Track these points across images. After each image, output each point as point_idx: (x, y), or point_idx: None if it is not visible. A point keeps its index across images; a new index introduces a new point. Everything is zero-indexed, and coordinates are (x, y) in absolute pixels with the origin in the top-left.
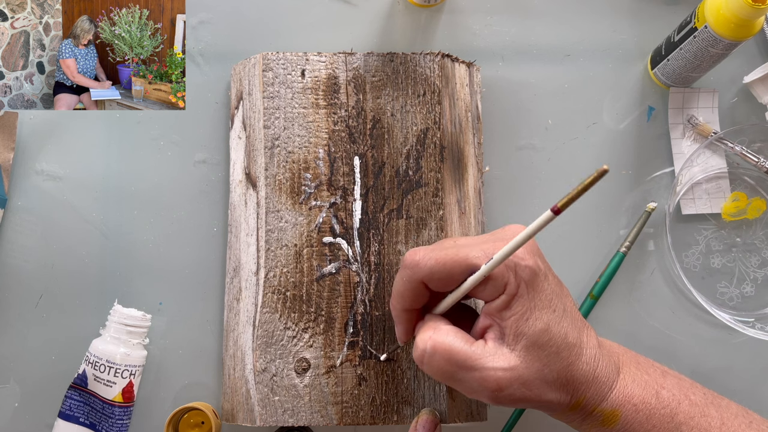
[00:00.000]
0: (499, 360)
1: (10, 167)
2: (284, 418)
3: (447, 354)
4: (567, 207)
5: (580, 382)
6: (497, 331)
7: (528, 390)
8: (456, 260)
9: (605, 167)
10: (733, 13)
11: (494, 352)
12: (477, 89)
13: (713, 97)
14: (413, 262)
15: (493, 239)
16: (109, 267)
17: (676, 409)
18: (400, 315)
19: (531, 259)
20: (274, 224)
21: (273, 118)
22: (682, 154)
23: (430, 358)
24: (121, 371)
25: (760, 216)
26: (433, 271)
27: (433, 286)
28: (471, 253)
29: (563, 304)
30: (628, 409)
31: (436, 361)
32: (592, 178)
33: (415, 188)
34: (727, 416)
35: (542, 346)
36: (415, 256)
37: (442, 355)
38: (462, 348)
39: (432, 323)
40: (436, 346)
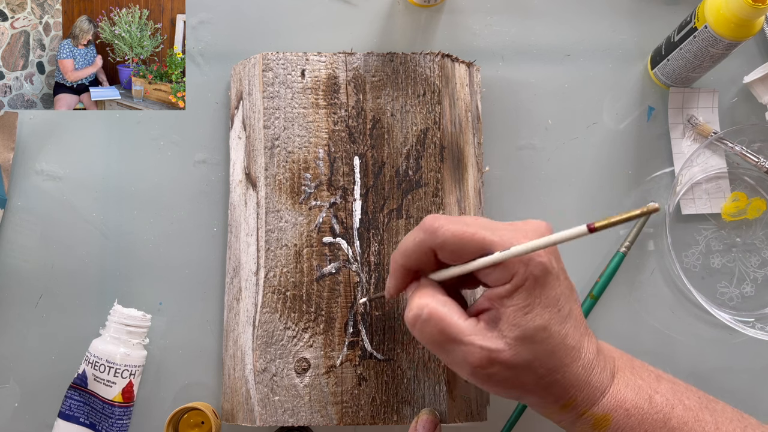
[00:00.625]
0: (488, 341)
1: (10, 167)
2: (284, 418)
3: (440, 323)
4: (603, 229)
5: (572, 384)
6: (493, 316)
7: (510, 375)
8: (473, 239)
9: (656, 206)
10: (733, 13)
11: (484, 333)
12: (477, 89)
13: (713, 97)
14: (432, 228)
15: (513, 229)
16: (109, 267)
17: (669, 414)
18: (397, 270)
19: (546, 257)
20: (274, 224)
21: (273, 118)
22: (682, 154)
23: (423, 323)
24: (121, 371)
25: (760, 216)
26: (447, 242)
27: (441, 256)
28: (490, 236)
29: (570, 307)
30: (619, 414)
31: (428, 328)
32: (640, 212)
33: (415, 188)
34: (722, 421)
35: (537, 342)
36: (435, 223)
37: (435, 323)
38: (455, 321)
39: (429, 290)
40: (432, 313)
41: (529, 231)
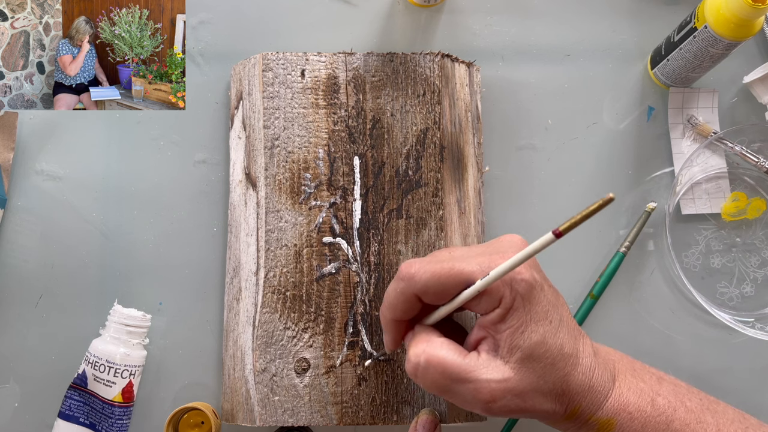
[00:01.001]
0: (493, 372)
1: (10, 167)
2: (284, 418)
3: (441, 367)
4: (569, 231)
5: (576, 392)
6: (491, 343)
7: (522, 401)
8: (451, 274)
9: (611, 195)
10: (733, 13)
11: (488, 364)
12: (477, 89)
13: (713, 97)
14: (408, 275)
15: (489, 251)
16: (109, 267)
17: (671, 417)
18: (389, 324)
19: (527, 272)
20: (273, 224)
21: (273, 118)
22: (681, 154)
23: (424, 371)
24: (121, 371)
25: (759, 216)
26: (428, 285)
27: (427, 300)
28: (467, 267)
29: (559, 315)
30: (623, 418)
31: (430, 375)
32: (597, 206)
33: (415, 188)
34: (723, 422)
35: (537, 359)
36: (410, 269)
37: (435, 368)
38: (455, 360)
39: (424, 335)
40: (430, 359)
41: (505, 248)
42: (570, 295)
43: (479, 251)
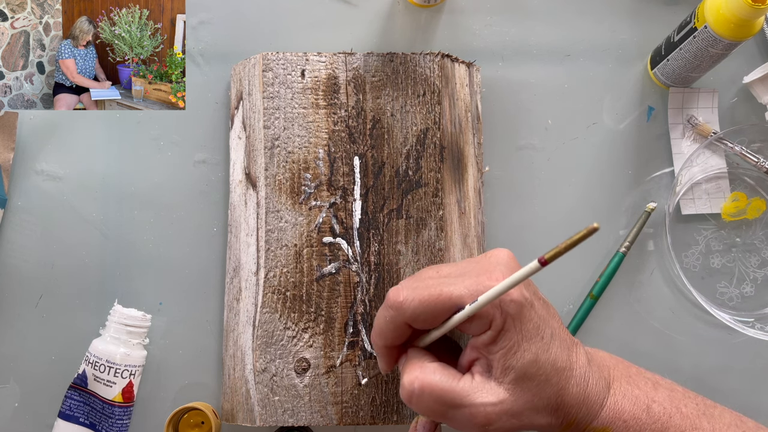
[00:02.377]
0: (488, 395)
1: (10, 167)
2: (284, 418)
3: (435, 394)
4: (554, 260)
5: (571, 404)
6: (484, 365)
7: (518, 420)
8: (440, 300)
9: (596, 225)
10: (733, 13)
11: (482, 387)
12: (477, 89)
13: (713, 97)
14: (396, 304)
15: (477, 271)
16: (109, 267)
17: (667, 423)
18: (381, 351)
19: (516, 292)
20: (274, 224)
21: (273, 118)
22: (681, 154)
23: (419, 398)
24: (121, 371)
25: (759, 216)
26: (417, 312)
27: (417, 326)
28: (455, 292)
29: (551, 329)
30: (618, 426)
31: (425, 401)
32: (581, 235)
33: (415, 188)
34: (720, 427)
35: (531, 377)
36: (398, 297)
37: (430, 395)
38: (449, 386)
39: (417, 362)
40: (424, 386)
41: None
42: (570, 295)
43: (467, 270)
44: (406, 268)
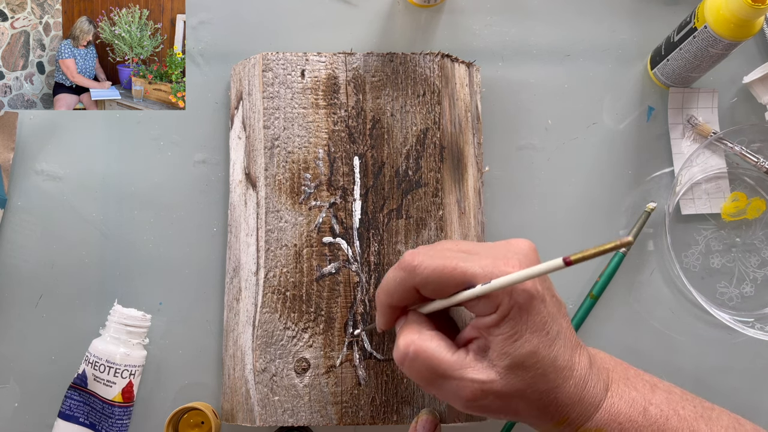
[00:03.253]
0: (478, 373)
1: (10, 167)
2: (284, 418)
3: (428, 360)
4: (579, 262)
5: (564, 404)
6: (482, 345)
7: (504, 404)
8: (454, 274)
9: (630, 239)
10: (733, 13)
11: (474, 365)
12: (477, 89)
13: (713, 97)
14: (410, 267)
15: (495, 255)
16: (109, 267)
17: (663, 426)
18: (383, 308)
19: (530, 283)
20: (273, 224)
21: (273, 118)
22: (681, 154)
23: (411, 362)
24: (121, 371)
25: (759, 216)
26: (428, 279)
27: (424, 293)
28: (470, 269)
29: (558, 326)
30: (613, 428)
31: (417, 366)
32: (613, 245)
33: (415, 188)
34: (717, 429)
35: (527, 368)
36: (413, 261)
37: (423, 361)
38: (443, 356)
39: (416, 326)
40: (418, 351)
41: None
42: (570, 295)
43: (486, 252)
44: None
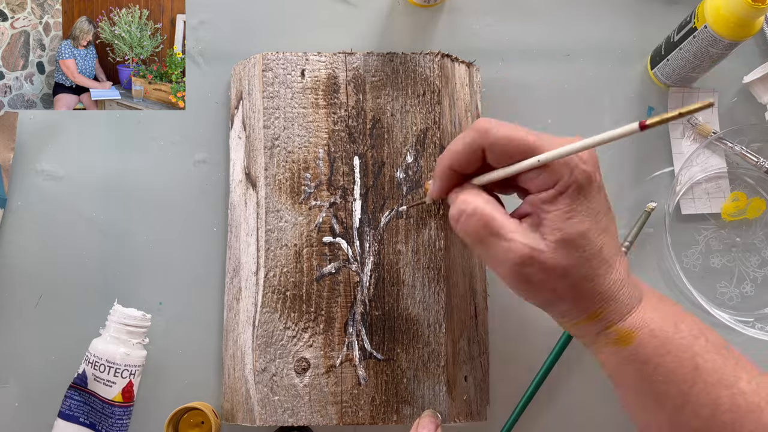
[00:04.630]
0: (530, 239)
1: (10, 167)
2: (284, 417)
3: (484, 218)
4: (656, 126)
5: (601, 297)
6: (535, 220)
7: (545, 277)
8: (524, 141)
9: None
10: (733, 13)
11: (527, 232)
12: (477, 89)
13: (713, 97)
14: (483, 128)
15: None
16: (109, 267)
17: (693, 342)
18: (443, 172)
19: (591, 167)
20: (273, 224)
21: (273, 118)
22: (681, 154)
23: (468, 218)
24: (121, 371)
25: (759, 216)
26: (498, 142)
27: (489, 158)
28: (537, 141)
29: (608, 223)
30: (644, 333)
31: (472, 223)
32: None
33: (415, 188)
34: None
35: (575, 247)
36: (488, 123)
37: (479, 218)
38: (499, 217)
39: (474, 190)
40: (476, 209)
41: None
42: None
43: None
44: (406, 267)
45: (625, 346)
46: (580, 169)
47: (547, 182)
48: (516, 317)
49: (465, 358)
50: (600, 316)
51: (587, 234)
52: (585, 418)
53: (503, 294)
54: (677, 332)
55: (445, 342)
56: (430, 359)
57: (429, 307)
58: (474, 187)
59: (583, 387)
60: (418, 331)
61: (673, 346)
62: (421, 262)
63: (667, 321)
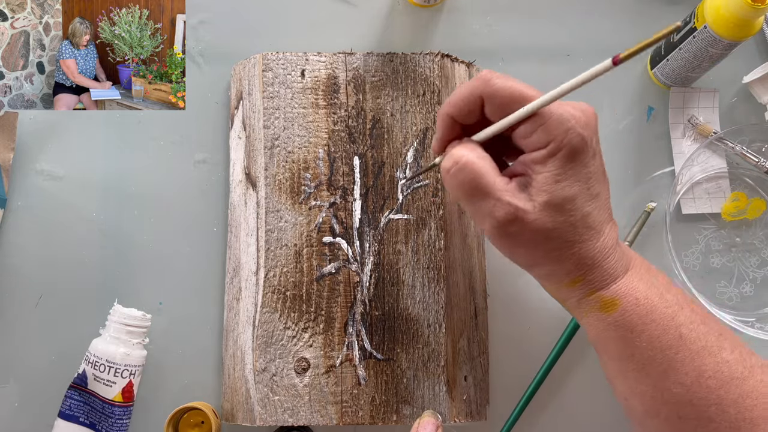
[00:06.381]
0: (516, 199)
1: (10, 167)
2: (284, 417)
3: (473, 173)
4: (629, 59)
5: (584, 263)
6: (525, 181)
7: (529, 239)
8: (522, 94)
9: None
10: (733, 13)
11: (514, 192)
12: None
13: (714, 96)
14: (486, 78)
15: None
16: (109, 267)
17: (678, 312)
18: (443, 119)
19: (587, 131)
20: (273, 224)
21: (273, 118)
22: (682, 154)
23: (458, 171)
24: (121, 371)
25: (759, 216)
26: (498, 92)
27: (488, 109)
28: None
29: (600, 190)
30: (629, 301)
31: (462, 176)
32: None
33: (415, 188)
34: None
35: (561, 212)
36: (490, 74)
37: (469, 173)
38: (489, 175)
39: (470, 144)
40: (468, 163)
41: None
42: None
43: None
44: (406, 267)
45: (608, 314)
46: (576, 132)
47: (540, 141)
48: (516, 317)
49: (465, 358)
50: (582, 281)
51: (575, 199)
52: (585, 418)
53: (503, 294)
54: (663, 302)
55: (445, 342)
56: (430, 359)
57: (429, 307)
58: (471, 142)
59: (582, 387)
60: (418, 331)
61: (658, 314)
62: (421, 262)
63: (653, 291)
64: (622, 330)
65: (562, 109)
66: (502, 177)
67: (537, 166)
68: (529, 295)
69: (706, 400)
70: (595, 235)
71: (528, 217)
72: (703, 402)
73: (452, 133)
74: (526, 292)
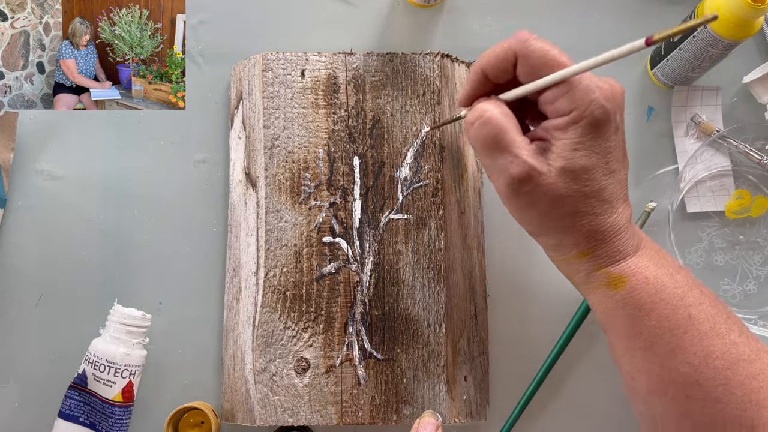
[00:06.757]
0: (534, 159)
1: (10, 167)
2: (284, 417)
3: (496, 128)
4: (662, 41)
5: (593, 236)
6: (545, 146)
7: (540, 200)
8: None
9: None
10: (733, 13)
11: (533, 152)
12: None
13: (716, 94)
14: (524, 36)
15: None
16: (109, 267)
17: (687, 293)
18: (475, 73)
19: (611, 105)
20: (273, 224)
21: (273, 118)
22: (685, 152)
23: (481, 125)
24: (121, 371)
25: (763, 214)
26: (532, 53)
27: (520, 69)
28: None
29: (618, 167)
30: (638, 279)
31: (484, 131)
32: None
33: (415, 188)
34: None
35: (575, 180)
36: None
37: (492, 128)
38: (511, 130)
39: (496, 101)
40: (492, 118)
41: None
42: (570, 295)
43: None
44: (406, 267)
45: (616, 291)
46: (599, 104)
47: (564, 108)
48: (516, 317)
49: (465, 358)
50: (590, 254)
51: (591, 170)
52: (585, 417)
53: (503, 294)
54: (672, 281)
55: (445, 342)
56: (430, 359)
57: (429, 307)
58: (497, 99)
59: (583, 387)
60: (417, 331)
61: (667, 293)
62: (421, 262)
63: (663, 270)
64: (630, 308)
65: (591, 80)
66: (523, 137)
67: (557, 132)
68: (530, 295)
69: (714, 380)
70: (609, 209)
71: (542, 179)
72: (711, 382)
73: (482, 89)
74: (526, 293)
